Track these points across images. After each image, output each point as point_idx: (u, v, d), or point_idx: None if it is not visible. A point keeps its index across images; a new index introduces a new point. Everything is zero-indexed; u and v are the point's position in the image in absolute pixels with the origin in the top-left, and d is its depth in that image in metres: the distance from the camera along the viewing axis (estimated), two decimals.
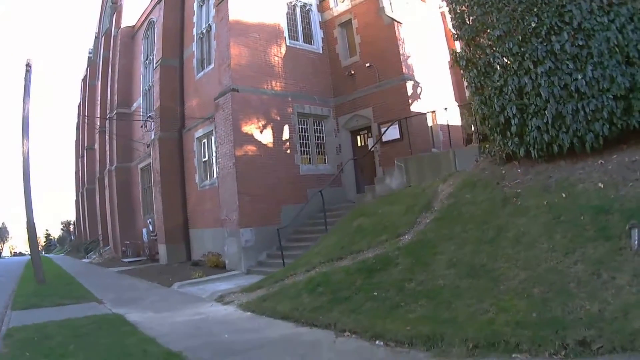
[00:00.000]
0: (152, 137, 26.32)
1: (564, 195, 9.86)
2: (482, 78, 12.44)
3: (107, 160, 35.46)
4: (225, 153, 19.37)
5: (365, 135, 22.38)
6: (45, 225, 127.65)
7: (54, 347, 9.19)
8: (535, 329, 6.82)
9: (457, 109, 22.76)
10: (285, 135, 20.75)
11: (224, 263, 19.96)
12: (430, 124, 21.06)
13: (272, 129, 20.24)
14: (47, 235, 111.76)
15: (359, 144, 22.77)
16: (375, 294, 10.09)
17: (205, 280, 17.73)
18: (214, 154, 22.00)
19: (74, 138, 61.87)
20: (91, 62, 47.44)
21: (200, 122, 22.98)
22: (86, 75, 49.34)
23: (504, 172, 12.14)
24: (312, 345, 8.84)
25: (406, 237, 12.13)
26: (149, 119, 27.70)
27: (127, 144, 32.41)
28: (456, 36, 13.39)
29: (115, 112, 33.16)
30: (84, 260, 37.59)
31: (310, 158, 21.94)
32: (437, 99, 20.97)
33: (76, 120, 59.85)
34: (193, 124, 23.88)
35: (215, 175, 21.89)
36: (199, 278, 18.01)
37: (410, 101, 20.14)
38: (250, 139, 19.36)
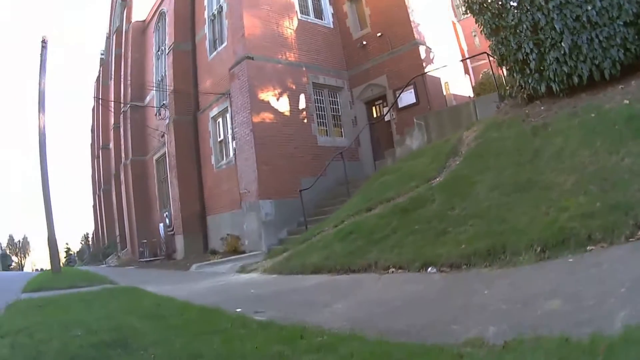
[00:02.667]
0: (167, 121, 25.27)
1: (593, 115, 9.47)
2: (497, 19, 12.28)
3: (122, 155, 34.23)
4: (242, 121, 18.40)
5: (381, 106, 21.34)
6: (65, 239, 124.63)
7: (56, 308, 8.28)
8: (604, 216, 6.29)
9: (468, 82, 22.21)
10: (302, 104, 19.74)
11: (243, 247, 18.70)
12: (444, 93, 20.12)
13: (288, 98, 19.24)
14: (67, 250, 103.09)
15: (375, 115, 21.73)
16: (417, 227, 9.24)
17: (223, 261, 16.69)
18: (229, 132, 20.97)
19: (89, 142, 60.38)
20: (103, 63, 46.25)
21: (214, 100, 21.97)
22: (99, 76, 48.07)
23: (527, 111, 11.68)
24: (354, 285, 8.10)
25: (437, 179, 11.29)
26: (163, 107, 26.70)
27: (141, 137, 31.33)
28: None
29: (129, 105, 31.98)
30: (101, 266, 35.64)
31: (327, 130, 20.91)
32: (449, 67, 19.94)
33: (90, 123, 58.38)
34: (207, 105, 22.86)
35: (231, 155, 20.84)
36: (218, 259, 17.05)
37: (424, 64, 19.24)
38: (266, 106, 18.38)
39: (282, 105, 18.93)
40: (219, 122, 22.41)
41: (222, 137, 22.18)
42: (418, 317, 5.20)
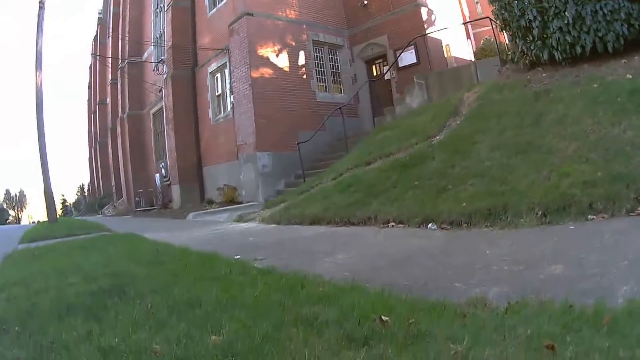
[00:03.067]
0: (165, 76, 24.93)
1: (595, 85, 9.35)
2: None
3: (119, 109, 34.10)
4: (241, 76, 18.19)
5: (381, 64, 21.04)
6: (61, 191, 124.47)
7: (53, 256, 8.04)
8: (606, 186, 6.18)
9: (469, 47, 21.89)
10: (301, 60, 19.50)
11: (240, 198, 18.67)
12: (445, 55, 19.94)
13: (287, 54, 19.01)
14: (63, 202, 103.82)
15: (375, 74, 21.32)
16: (417, 183, 9.06)
17: (220, 210, 16.62)
18: (227, 86, 20.70)
19: (86, 97, 59.61)
20: (101, 22, 45.64)
21: (213, 56, 21.63)
22: (97, 35, 47.30)
23: (528, 77, 11.53)
24: (354, 236, 7.87)
25: (437, 137, 11.14)
26: (161, 62, 26.36)
27: (139, 93, 31.18)
28: None
29: (126, 61, 31.67)
30: (97, 215, 35.81)
31: (326, 86, 20.67)
32: (451, 30, 19.80)
33: (88, 80, 57.76)
34: (206, 60, 22.52)
35: (229, 109, 20.62)
36: (215, 208, 16.92)
37: (425, 26, 18.91)
38: (266, 62, 18.18)
39: (282, 61, 18.71)
40: (217, 77, 22.14)
41: (220, 91, 21.95)
42: (420, 272, 5.04)
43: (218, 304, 3.88)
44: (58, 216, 20.93)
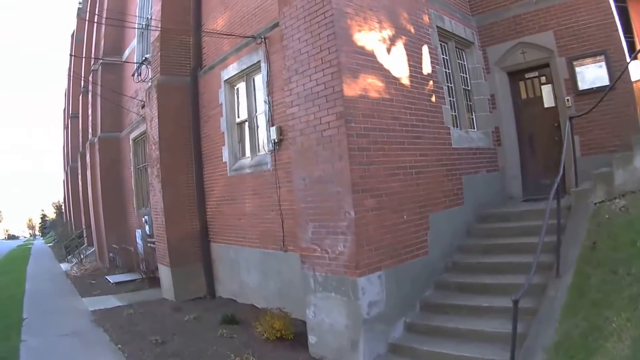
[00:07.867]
0: (149, 85, 14.56)
1: None
2: None
3: (90, 129, 23.63)
4: (311, 90, 7.69)
5: (537, 81, 11.20)
6: (41, 205, 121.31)
7: None
8: None
9: None
10: (426, 66, 9.34)
11: (298, 334, 8.51)
12: None
13: (405, 50, 8.78)
14: (43, 217, 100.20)
15: (524, 96, 11.45)
16: None
17: None
18: (258, 106, 11.23)
19: (63, 107, 48.79)
20: (80, 13, 35.49)
21: (232, 50, 11.74)
22: (75, 30, 37.45)
23: None
24: None
25: None
26: (145, 63, 15.85)
27: (116, 107, 20.52)
28: None
29: (100, 62, 21.37)
30: (61, 265, 25.36)
31: (456, 116, 10.69)
32: None
33: (65, 86, 47.35)
34: (218, 59, 12.54)
35: (264, 150, 10.98)
36: None
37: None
38: (370, 62, 7.77)
39: (396, 63, 8.44)
40: (238, 89, 12.22)
41: (244, 115, 11.96)
42: None
43: None
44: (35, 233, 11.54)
